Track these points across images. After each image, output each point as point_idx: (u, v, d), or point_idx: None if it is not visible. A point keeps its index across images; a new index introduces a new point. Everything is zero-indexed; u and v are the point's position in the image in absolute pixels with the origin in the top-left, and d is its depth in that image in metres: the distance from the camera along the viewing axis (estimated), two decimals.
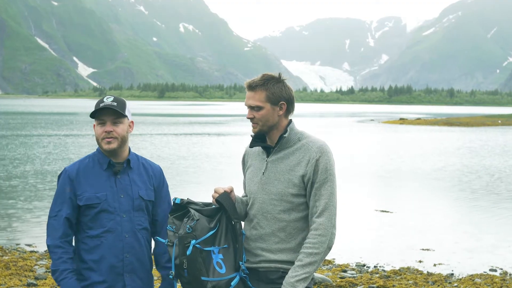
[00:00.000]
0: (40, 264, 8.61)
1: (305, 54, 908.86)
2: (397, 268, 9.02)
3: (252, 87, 3.40)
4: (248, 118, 3.42)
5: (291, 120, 3.47)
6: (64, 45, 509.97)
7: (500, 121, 66.06)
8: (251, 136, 3.49)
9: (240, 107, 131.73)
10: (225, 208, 3.33)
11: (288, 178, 3.36)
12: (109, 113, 3.45)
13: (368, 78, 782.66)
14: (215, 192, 3.38)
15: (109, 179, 3.49)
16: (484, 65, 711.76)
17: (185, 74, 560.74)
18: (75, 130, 41.92)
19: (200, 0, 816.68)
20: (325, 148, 3.36)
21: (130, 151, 3.59)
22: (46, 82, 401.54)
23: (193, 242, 3.20)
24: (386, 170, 22.19)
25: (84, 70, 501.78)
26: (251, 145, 3.50)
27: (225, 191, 3.38)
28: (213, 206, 3.36)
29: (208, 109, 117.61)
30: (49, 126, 46.28)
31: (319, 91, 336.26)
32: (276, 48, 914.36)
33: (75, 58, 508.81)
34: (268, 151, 3.45)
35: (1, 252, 9.33)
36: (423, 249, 10.39)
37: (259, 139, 3.46)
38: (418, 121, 66.47)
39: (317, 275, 7.83)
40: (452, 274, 8.78)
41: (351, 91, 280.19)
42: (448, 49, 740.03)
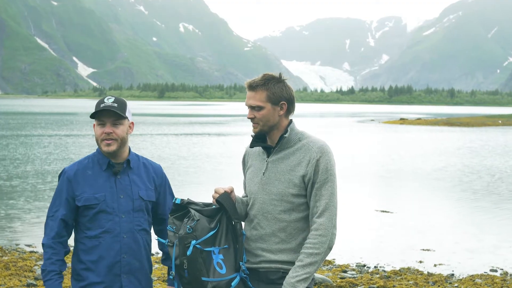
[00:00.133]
0: (40, 264, 8.59)
1: (305, 54, 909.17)
2: (397, 269, 9.01)
3: (252, 87, 3.40)
4: (248, 118, 3.41)
5: (291, 120, 3.46)
6: (64, 45, 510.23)
7: (500, 121, 66.05)
8: (252, 136, 3.48)
9: (240, 107, 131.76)
10: (225, 209, 3.32)
11: (288, 178, 3.35)
12: (109, 115, 3.43)
13: (369, 78, 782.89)
14: (216, 192, 3.37)
15: (108, 179, 3.47)
16: (485, 65, 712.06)
17: (185, 74, 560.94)
18: (75, 130, 41.92)
19: (200, 0, 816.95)
20: (325, 148, 3.35)
21: (130, 151, 3.58)
22: (46, 82, 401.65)
23: (193, 242, 3.20)
24: (387, 170, 22.18)
25: (84, 70, 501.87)
26: (252, 145, 3.49)
27: (225, 191, 3.37)
28: (214, 207, 3.35)
29: (208, 109, 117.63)
30: (49, 126, 46.28)
31: (319, 91, 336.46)
32: (276, 48, 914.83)
33: (74, 58, 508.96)
34: (269, 151, 3.45)
35: (0, 253, 9.32)
36: (423, 249, 10.38)
37: (259, 139, 3.45)
38: (419, 121, 66.44)
39: (317, 275, 7.82)
40: (453, 275, 8.77)
41: (351, 91, 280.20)
42: (449, 49, 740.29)
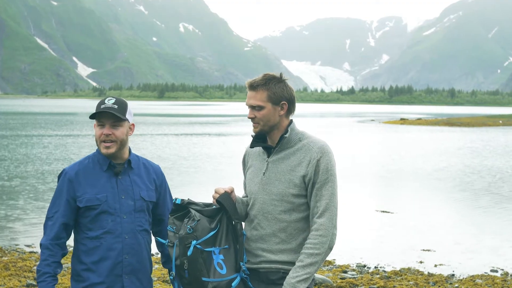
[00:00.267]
0: None
1: (306, 54, 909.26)
2: (397, 269, 9.00)
3: (253, 86, 3.39)
4: (249, 117, 3.41)
5: (292, 120, 3.46)
6: (64, 45, 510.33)
7: (501, 121, 66.05)
8: (252, 136, 3.48)
9: (240, 107, 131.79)
10: (225, 209, 3.32)
11: (289, 179, 3.34)
12: (108, 116, 3.40)
13: (369, 78, 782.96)
14: (216, 192, 3.36)
15: (110, 180, 3.45)
16: (485, 65, 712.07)
17: (185, 74, 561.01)
18: (75, 130, 41.91)
19: (200, 0, 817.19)
20: (326, 149, 3.35)
21: (131, 152, 3.56)
22: (46, 82, 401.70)
23: (194, 242, 3.20)
24: (387, 170, 22.17)
25: (84, 70, 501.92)
26: (252, 145, 3.48)
27: (225, 191, 3.36)
28: (214, 207, 3.35)
29: (208, 109, 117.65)
30: (49, 126, 46.27)
31: (319, 91, 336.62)
32: (276, 48, 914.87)
33: (74, 58, 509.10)
34: (269, 151, 3.44)
35: (0, 253, 9.32)
36: (424, 249, 10.37)
37: (259, 139, 3.45)
38: (419, 121, 66.42)
39: (317, 275, 7.82)
40: (453, 275, 8.77)
41: (351, 91, 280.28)
42: (449, 49, 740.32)
